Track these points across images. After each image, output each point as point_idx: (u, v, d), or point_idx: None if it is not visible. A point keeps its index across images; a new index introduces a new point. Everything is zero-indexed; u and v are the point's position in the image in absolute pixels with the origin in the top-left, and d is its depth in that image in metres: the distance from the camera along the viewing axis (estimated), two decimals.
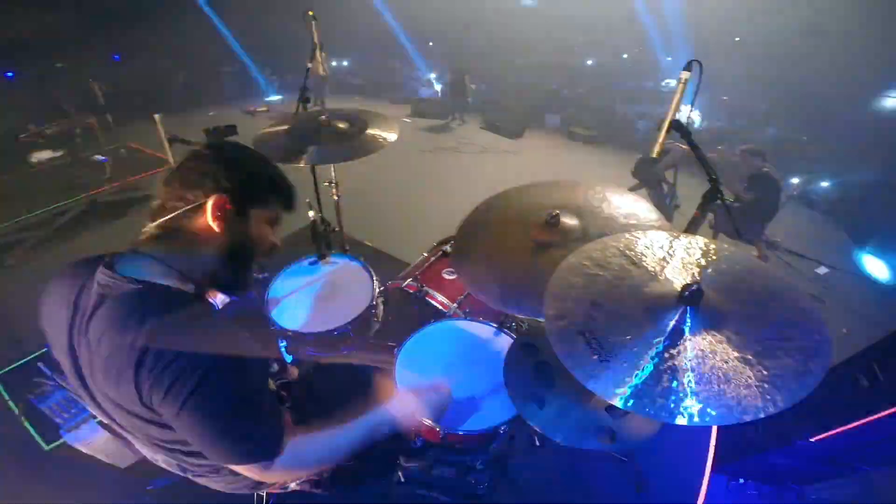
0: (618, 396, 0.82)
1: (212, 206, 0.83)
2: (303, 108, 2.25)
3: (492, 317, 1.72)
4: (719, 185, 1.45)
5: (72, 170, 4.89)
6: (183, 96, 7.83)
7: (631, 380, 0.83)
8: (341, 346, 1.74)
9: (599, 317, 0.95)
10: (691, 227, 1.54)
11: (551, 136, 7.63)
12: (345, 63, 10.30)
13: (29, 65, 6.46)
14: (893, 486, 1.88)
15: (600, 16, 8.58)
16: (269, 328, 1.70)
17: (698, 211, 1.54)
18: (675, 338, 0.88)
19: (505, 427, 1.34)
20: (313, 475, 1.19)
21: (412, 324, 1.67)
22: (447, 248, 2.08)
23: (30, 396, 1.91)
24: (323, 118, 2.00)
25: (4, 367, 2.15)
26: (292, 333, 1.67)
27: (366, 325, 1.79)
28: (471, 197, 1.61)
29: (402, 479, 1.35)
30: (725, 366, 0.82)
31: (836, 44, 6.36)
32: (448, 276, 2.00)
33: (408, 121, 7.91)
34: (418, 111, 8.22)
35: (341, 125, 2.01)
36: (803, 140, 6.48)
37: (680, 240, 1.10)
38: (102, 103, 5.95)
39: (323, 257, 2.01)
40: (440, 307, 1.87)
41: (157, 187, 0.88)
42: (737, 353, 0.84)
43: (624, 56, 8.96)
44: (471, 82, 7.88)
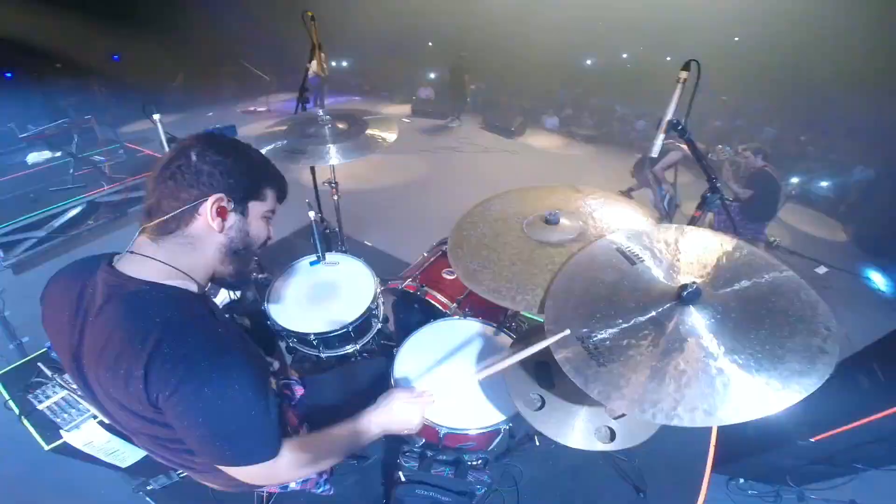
0: (616, 400, 0.82)
1: (210, 206, 0.83)
2: (302, 109, 2.24)
3: (491, 316, 1.72)
4: (718, 185, 1.45)
5: (70, 170, 4.89)
6: (182, 96, 7.82)
7: (629, 382, 0.83)
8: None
9: (598, 321, 0.94)
10: None
11: (551, 136, 7.64)
12: (344, 63, 10.30)
13: (28, 65, 6.46)
14: (893, 486, 1.88)
15: (600, 16, 8.58)
16: (270, 328, 1.70)
17: (698, 211, 1.54)
18: (674, 338, 0.87)
19: (505, 427, 1.35)
20: (314, 475, 1.19)
21: (412, 323, 1.67)
22: (447, 248, 2.08)
23: (29, 396, 1.91)
24: (322, 118, 2.00)
25: (4, 367, 2.14)
26: (292, 333, 1.67)
27: (366, 324, 1.79)
28: (471, 197, 1.61)
29: (402, 479, 1.35)
30: (726, 365, 0.82)
31: (835, 44, 6.36)
32: (448, 275, 2.00)
33: (407, 121, 7.91)
34: (418, 111, 8.22)
35: (341, 125, 2.01)
36: (803, 140, 6.48)
37: (680, 235, 1.09)
38: (101, 103, 5.95)
39: (323, 257, 2.01)
40: (440, 307, 1.87)
41: (148, 185, 0.84)
42: (739, 351, 0.83)
43: (624, 56, 8.96)
44: (470, 82, 7.88)
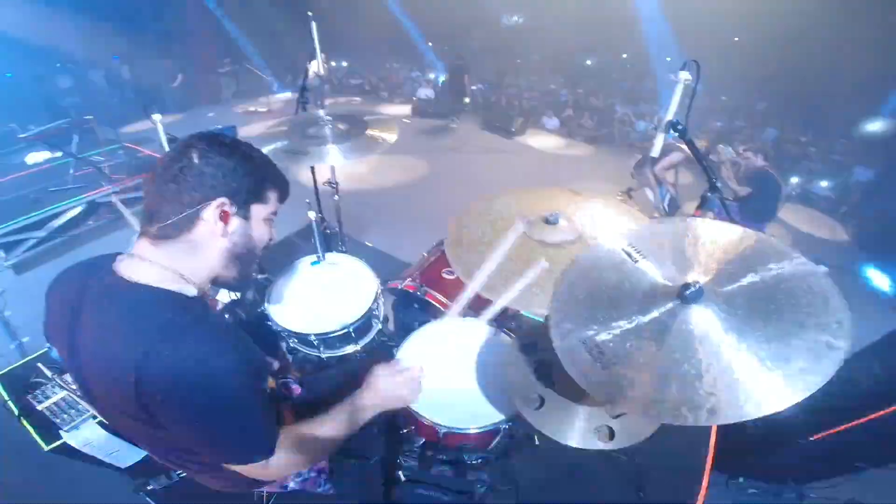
0: (619, 401, 0.81)
1: (213, 210, 0.82)
2: (302, 109, 2.24)
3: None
4: (718, 185, 1.46)
5: (70, 170, 4.89)
6: (182, 96, 7.82)
7: (632, 383, 0.83)
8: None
9: (600, 321, 0.94)
10: None
11: (551, 137, 7.64)
12: (344, 63, 10.30)
13: (28, 65, 6.46)
14: (893, 485, 1.88)
15: (600, 16, 8.58)
16: (270, 328, 1.70)
17: (698, 210, 1.54)
18: (677, 338, 0.87)
19: (505, 426, 1.35)
20: (313, 468, 1.20)
21: (412, 323, 1.67)
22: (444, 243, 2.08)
23: (29, 397, 1.91)
24: (322, 119, 2.00)
25: (4, 367, 2.14)
26: (293, 333, 1.67)
27: (366, 325, 1.79)
28: (471, 197, 1.62)
29: (402, 479, 1.35)
30: (731, 363, 0.82)
31: (836, 44, 6.37)
32: (448, 275, 2.00)
33: (407, 121, 7.91)
34: (418, 111, 8.22)
35: (341, 125, 2.01)
36: (803, 140, 6.48)
37: (684, 229, 1.06)
38: (102, 104, 5.96)
39: (323, 257, 2.01)
40: (440, 307, 1.87)
41: (146, 186, 0.82)
42: (743, 350, 0.83)
43: (624, 56, 8.97)
44: (470, 83, 7.88)
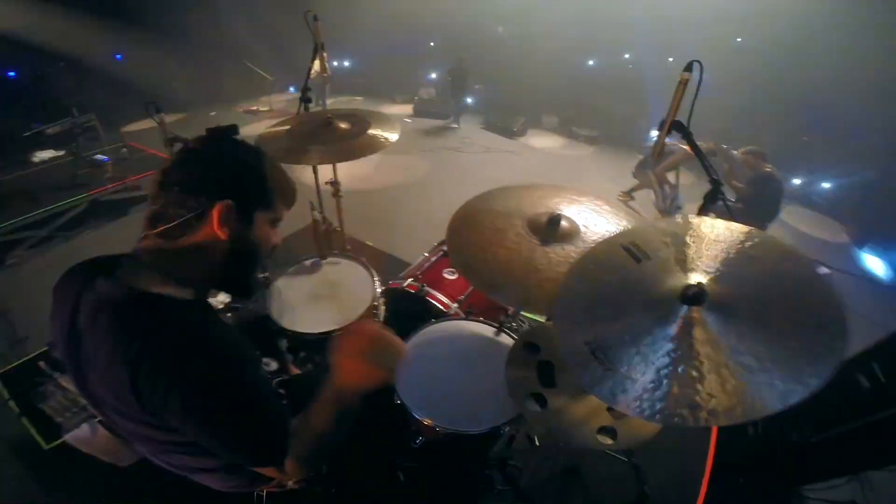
0: (622, 402, 0.81)
1: (218, 213, 0.81)
2: (304, 109, 2.25)
3: (493, 317, 1.72)
4: (720, 186, 1.45)
5: (73, 169, 4.90)
6: (184, 96, 7.83)
7: (635, 385, 0.83)
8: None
9: (603, 324, 0.94)
10: None
11: (552, 137, 7.63)
12: (346, 63, 10.30)
13: (31, 64, 6.47)
14: (893, 485, 1.88)
15: (601, 16, 8.58)
16: (270, 328, 1.70)
17: (700, 211, 1.54)
18: (679, 339, 0.87)
19: (505, 427, 1.35)
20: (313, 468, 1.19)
21: (413, 324, 1.67)
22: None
23: (30, 396, 1.91)
24: (324, 118, 2.00)
25: (4, 367, 2.14)
26: (293, 333, 1.67)
27: None
28: (472, 197, 1.61)
29: (402, 479, 1.35)
30: (730, 364, 0.82)
31: (837, 44, 6.36)
32: (449, 275, 2.01)
33: (409, 121, 7.90)
34: (419, 111, 8.22)
35: (342, 125, 2.01)
36: (803, 140, 6.48)
37: (687, 228, 1.06)
38: (104, 103, 5.96)
39: (324, 257, 2.02)
40: (441, 307, 1.87)
41: (151, 189, 0.83)
42: (744, 351, 0.83)
43: (625, 56, 8.95)
44: (472, 84, 7.87)
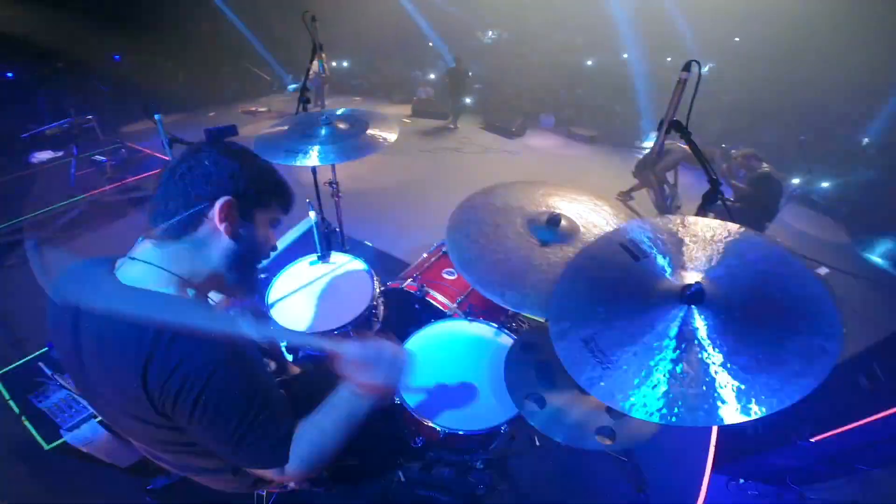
0: (619, 401, 0.81)
1: (220, 209, 0.82)
2: (303, 109, 2.25)
3: (492, 317, 1.72)
4: (719, 186, 1.45)
5: (72, 170, 4.89)
6: (183, 96, 7.82)
7: (631, 383, 0.83)
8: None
9: (600, 321, 0.94)
10: None
11: (552, 137, 7.63)
12: (345, 64, 10.30)
13: (29, 65, 6.46)
14: (893, 486, 1.88)
15: (601, 16, 8.58)
16: (270, 328, 1.70)
17: (699, 211, 1.54)
18: (677, 339, 0.87)
19: (505, 427, 1.35)
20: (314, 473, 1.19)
21: (412, 324, 1.67)
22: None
23: (30, 396, 1.91)
24: (323, 119, 2.00)
25: (4, 367, 2.14)
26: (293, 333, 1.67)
27: (366, 325, 1.79)
28: None
29: (402, 479, 1.35)
30: (728, 364, 0.82)
31: (836, 43, 6.36)
32: (448, 276, 2.01)
33: (408, 121, 7.90)
34: (418, 111, 8.22)
35: (341, 125, 2.01)
36: (803, 140, 6.48)
37: (685, 227, 1.07)
38: (103, 103, 5.96)
39: (323, 257, 2.02)
40: (440, 307, 1.87)
41: (153, 188, 0.85)
42: (741, 351, 0.83)
43: (624, 56, 8.96)
44: (471, 84, 7.88)
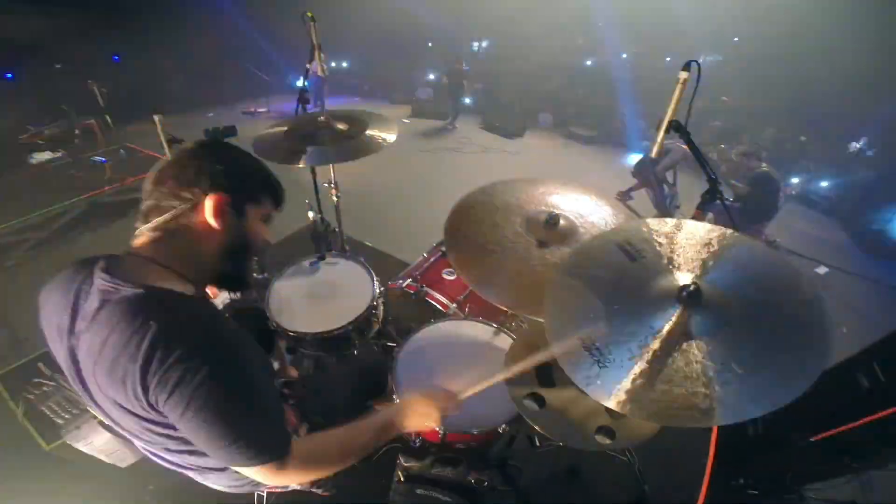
0: (616, 401, 0.82)
1: (212, 203, 0.83)
2: (302, 109, 2.25)
3: (492, 317, 1.72)
4: (719, 185, 1.45)
5: (71, 171, 4.90)
6: (182, 97, 7.82)
7: (630, 384, 0.83)
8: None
9: (598, 321, 0.94)
10: None
11: (551, 136, 7.63)
12: (344, 64, 10.30)
13: (28, 65, 6.46)
14: (893, 486, 1.88)
15: (600, 16, 8.58)
16: (269, 328, 1.70)
17: (698, 210, 1.54)
18: (673, 338, 0.87)
19: (505, 427, 1.35)
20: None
21: (412, 324, 1.67)
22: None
23: (30, 396, 1.91)
24: (322, 119, 2.00)
25: (4, 367, 2.14)
26: (293, 333, 1.67)
27: (366, 325, 1.80)
28: None
29: (402, 479, 1.35)
30: (723, 364, 0.82)
31: (835, 43, 6.37)
32: (448, 276, 2.01)
33: (407, 121, 7.90)
34: (417, 112, 8.21)
35: (340, 126, 2.01)
36: (803, 140, 6.48)
37: (682, 230, 1.08)
38: (102, 104, 5.96)
39: (323, 258, 2.02)
40: (440, 307, 1.87)
41: (145, 187, 0.85)
42: (737, 350, 0.83)
43: (623, 56, 8.96)
44: (470, 83, 7.87)
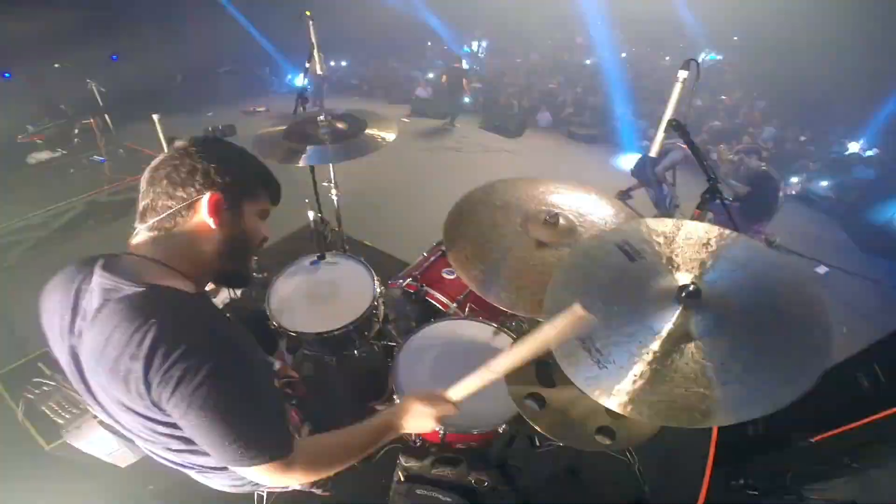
0: (616, 401, 0.81)
1: (208, 201, 0.83)
2: (301, 109, 2.24)
3: (492, 317, 1.72)
4: (718, 185, 1.45)
5: (71, 170, 4.90)
6: (181, 97, 7.81)
7: (630, 384, 0.83)
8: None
9: (598, 321, 0.94)
10: None
11: (551, 136, 7.62)
12: (343, 63, 10.29)
13: (27, 65, 6.45)
14: (893, 486, 1.88)
15: (600, 16, 8.59)
16: (270, 328, 1.70)
17: (698, 210, 1.54)
18: (673, 338, 0.87)
19: (505, 427, 1.35)
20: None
21: (412, 324, 1.67)
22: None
23: (30, 396, 1.91)
24: (321, 118, 2.00)
25: (4, 367, 2.14)
26: (293, 333, 1.67)
27: (367, 325, 1.79)
28: None
29: (402, 479, 1.35)
30: (724, 365, 0.82)
31: (835, 43, 6.37)
32: (448, 275, 2.00)
33: (406, 121, 7.89)
34: (417, 111, 8.21)
35: (340, 125, 2.01)
36: (803, 140, 6.49)
37: (681, 231, 1.08)
38: (101, 104, 5.96)
39: (323, 257, 2.02)
40: (440, 307, 1.87)
41: (141, 186, 0.85)
42: (736, 352, 0.83)
43: (623, 55, 8.97)
44: (469, 82, 7.86)
